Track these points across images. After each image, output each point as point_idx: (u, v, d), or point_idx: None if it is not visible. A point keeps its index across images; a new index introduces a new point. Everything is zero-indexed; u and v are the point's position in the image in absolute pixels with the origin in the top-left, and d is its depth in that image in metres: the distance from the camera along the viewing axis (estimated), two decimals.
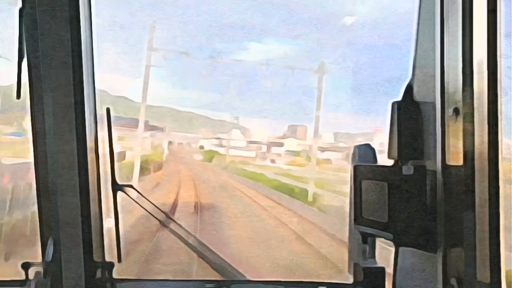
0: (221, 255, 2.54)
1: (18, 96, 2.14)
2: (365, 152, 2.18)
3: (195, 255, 2.54)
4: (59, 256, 2.30)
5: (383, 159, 2.01)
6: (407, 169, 1.81)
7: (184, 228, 2.59)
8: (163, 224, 2.54)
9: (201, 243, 2.58)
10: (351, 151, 2.21)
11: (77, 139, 2.24)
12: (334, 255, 8.95)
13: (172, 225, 2.56)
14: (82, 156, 2.27)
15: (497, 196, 1.62)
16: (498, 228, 1.63)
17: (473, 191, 1.61)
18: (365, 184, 1.98)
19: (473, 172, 1.61)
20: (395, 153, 1.88)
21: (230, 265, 2.52)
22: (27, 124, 2.29)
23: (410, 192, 1.79)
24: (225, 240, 10.00)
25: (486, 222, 1.62)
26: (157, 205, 2.59)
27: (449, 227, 1.69)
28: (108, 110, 2.29)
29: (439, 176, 1.72)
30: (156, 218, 2.52)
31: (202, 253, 2.52)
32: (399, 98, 1.93)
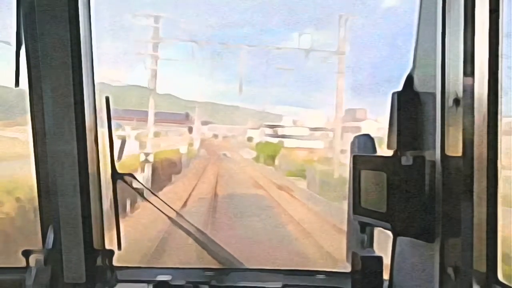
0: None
1: (17, 84, 2.13)
2: (365, 142, 2.18)
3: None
4: (60, 244, 2.32)
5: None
6: (406, 160, 1.81)
7: (183, 217, 2.61)
8: (163, 213, 2.55)
9: (199, 231, 2.59)
10: None
11: (77, 139, 2.23)
12: None
13: (172, 214, 2.57)
14: (82, 156, 2.26)
15: (495, 187, 1.63)
16: (495, 218, 1.63)
17: (472, 182, 1.61)
18: (364, 174, 1.98)
19: (472, 163, 1.62)
20: (394, 143, 1.87)
21: (229, 254, 2.54)
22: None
23: (408, 183, 1.78)
24: None
25: (484, 213, 1.62)
26: (157, 194, 2.60)
27: (447, 217, 1.69)
28: (107, 99, 2.29)
29: (438, 166, 1.71)
30: (156, 207, 2.53)
31: (202, 241, 2.54)
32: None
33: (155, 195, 2.58)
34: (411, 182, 1.78)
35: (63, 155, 2.24)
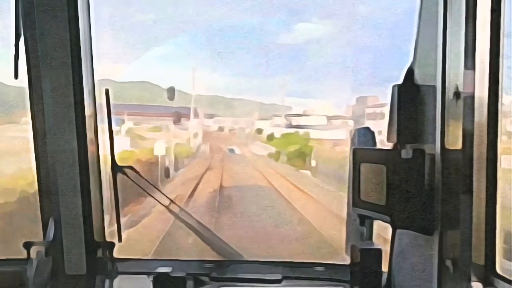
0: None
1: (16, 76, 2.13)
2: (365, 135, 2.18)
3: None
4: (61, 236, 2.34)
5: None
6: (406, 153, 1.81)
7: (184, 209, 2.61)
8: (162, 205, 2.56)
9: (200, 224, 2.60)
10: None
11: (77, 139, 2.24)
12: None
13: (172, 207, 2.57)
14: (82, 155, 2.27)
15: (494, 180, 1.63)
16: (494, 211, 1.64)
17: (471, 175, 1.62)
18: (363, 167, 1.99)
19: (472, 157, 1.62)
20: (394, 136, 1.87)
21: (229, 246, 2.55)
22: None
23: (408, 176, 1.78)
24: None
25: (483, 206, 1.63)
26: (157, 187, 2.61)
27: (446, 210, 1.70)
28: (107, 92, 2.29)
29: (438, 159, 1.71)
30: (156, 200, 2.54)
31: (202, 233, 2.55)
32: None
33: (156, 188, 2.58)
34: (410, 175, 1.78)
35: (63, 154, 2.25)
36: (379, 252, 2.11)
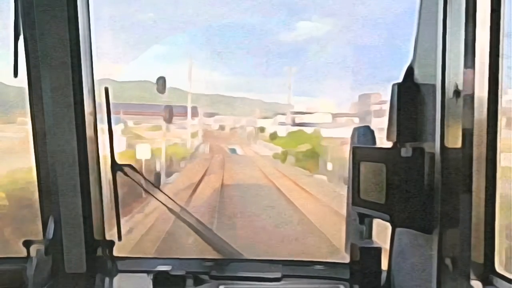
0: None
1: (16, 74, 2.13)
2: (364, 134, 2.19)
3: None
4: (60, 234, 2.34)
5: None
6: (406, 151, 1.81)
7: (184, 208, 2.62)
8: (162, 204, 2.56)
9: (200, 222, 2.60)
10: None
11: (77, 139, 2.24)
12: None
13: (171, 205, 2.58)
14: (82, 155, 2.27)
15: (494, 179, 1.63)
16: (493, 210, 1.64)
17: (471, 174, 1.62)
18: (363, 165, 1.99)
19: (471, 155, 1.62)
20: (394, 135, 1.88)
21: (229, 245, 2.56)
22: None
23: (408, 174, 1.78)
24: None
25: (483, 204, 1.63)
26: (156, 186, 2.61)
27: (446, 209, 1.70)
28: (106, 90, 2.29)
29: (437, 158, 1.71)
30: (156, 198, 2.54)
31: (202, 232, 2.55)
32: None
33: (155, 186, 2.58)
34: (410, 174, 1.78)
35: (63, 155, 2.25)
36: (378, 250, 2.12)
